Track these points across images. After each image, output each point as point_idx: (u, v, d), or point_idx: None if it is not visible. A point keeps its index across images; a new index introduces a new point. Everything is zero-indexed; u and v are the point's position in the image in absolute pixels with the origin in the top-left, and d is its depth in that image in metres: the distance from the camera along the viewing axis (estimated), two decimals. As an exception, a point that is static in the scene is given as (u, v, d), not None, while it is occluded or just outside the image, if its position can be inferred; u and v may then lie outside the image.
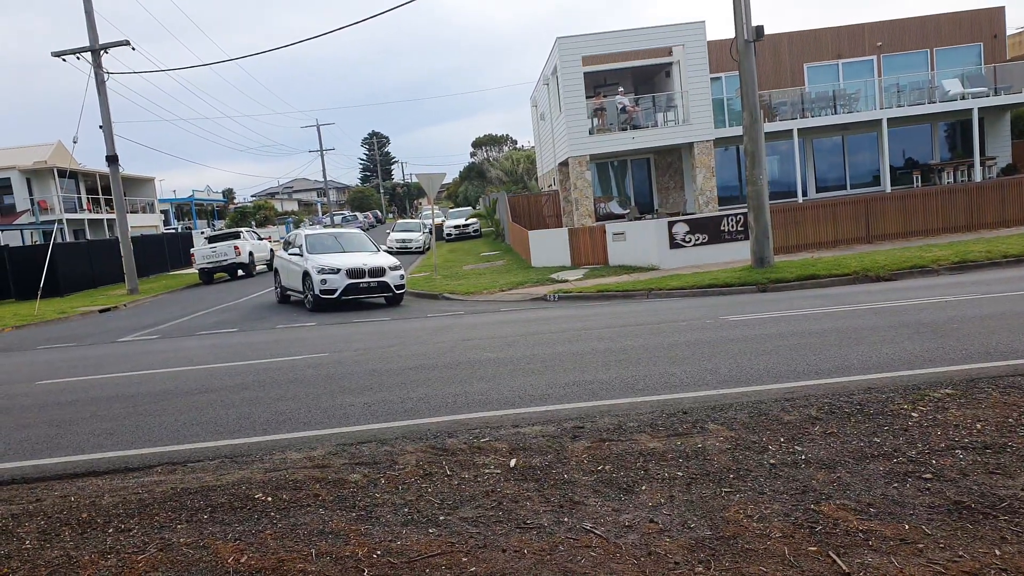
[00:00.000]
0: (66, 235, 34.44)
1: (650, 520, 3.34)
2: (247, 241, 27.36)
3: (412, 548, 3.24)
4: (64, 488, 4.45)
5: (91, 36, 22.57)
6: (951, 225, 17.97)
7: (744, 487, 3.63)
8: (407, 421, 5.31)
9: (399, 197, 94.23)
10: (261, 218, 56.68)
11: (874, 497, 3.40)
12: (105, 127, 23.24)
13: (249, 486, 4.16)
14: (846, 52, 25.92)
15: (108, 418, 6.18)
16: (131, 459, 4.94)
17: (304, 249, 15.70)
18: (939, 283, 11.15)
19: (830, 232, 17.87)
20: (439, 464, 4.29)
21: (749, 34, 13.75)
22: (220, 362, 8.96)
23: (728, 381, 5.73)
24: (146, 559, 3.33)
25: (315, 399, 6.26)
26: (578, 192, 22.26)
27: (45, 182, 35.92)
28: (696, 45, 21.71)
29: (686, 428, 4.59)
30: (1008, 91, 23.87)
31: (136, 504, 4.03)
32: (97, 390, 7.61)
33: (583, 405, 5.37)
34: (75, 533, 3.71)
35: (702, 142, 22.18)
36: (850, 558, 2.87)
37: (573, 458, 4.22)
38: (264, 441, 5.12)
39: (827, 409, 4.74)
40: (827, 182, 26.37)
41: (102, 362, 10.12)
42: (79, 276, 26.06)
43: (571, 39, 21.68)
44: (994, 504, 3.24)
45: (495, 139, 71.35)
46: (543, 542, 3.21)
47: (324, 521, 3.60)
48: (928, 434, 4.15)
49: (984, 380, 5.10)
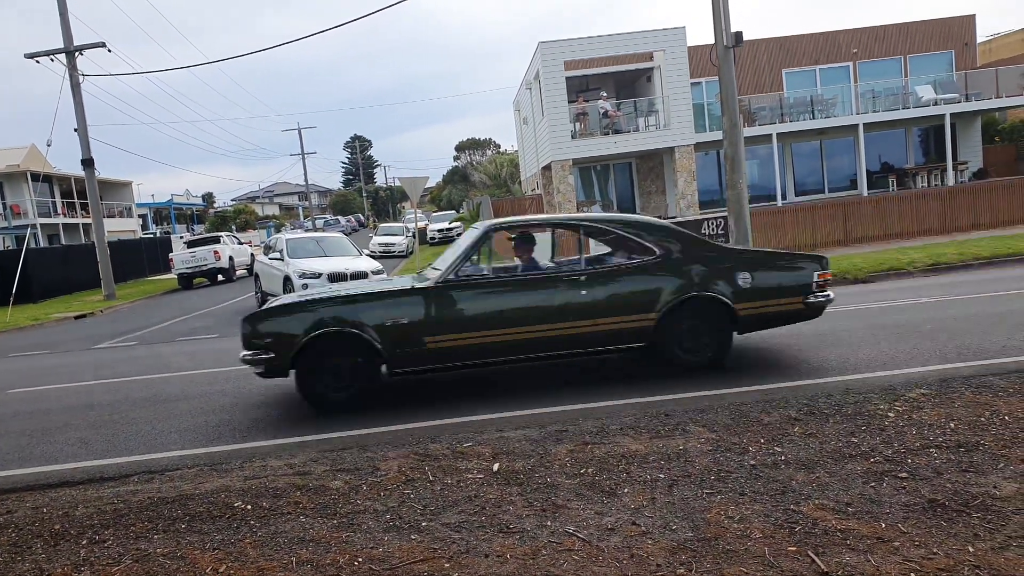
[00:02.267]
0: (40, 240, 33.82)
1: (632, 522, 3.35)
2: (227, 246, 27.07)
3: (394, 555, 3.22)
4: (36, 499, 4.36)
5: (65, 37, 22.22)
6: (925, 228, 18.30)
7: (725, 488, 3.66)
8: (389, 427, 5.28)
9: (382, 201, 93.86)
10: (242, 222, 56.17)
11: (852, 496, 3.44)
12: (80, 130, 22.88)
13: (228, 494, 4.11)
14: (823, 58, 26.33)
15: (83, 427, 6.07)
16: (107, 468, 4.86)
17: (285, 254, 15.55)
18: (914, 285, 11.34)
19: (808, 235, 18.11)
20: (421, 470, 4.27)
21: (729, 40, 13.91)
22: (199, 368, 8.85)
23: (708, 383, 5.77)
24: (121, 571, 3.27)
25: (295, 406, 6.20)
26: (561, 196, 22.34)
27: (18, 186, 35.22)
28: (677, 50, 21.92)
29: (668, 430, 4.61)
30: (979, 97, 24.40)
31: (111, 514, 3.96)
32: (72, 398, 7.47)
33: (566, 408, 5.38)
34: (47, 545, 3.64)
35: (683, 147, 22.38)
36: (828, 557, 2.90)
37: (556, 461, 4.22)
38: (243, 448, 5.06)
39: (806, 410, 4.80)
40: (806, 186, 26.75)
41: (77, 369, 9.94)
42: (54, 282, 25.58)
43: (554, 44, 21.79)
44: (967, 502, 3.29)
45: (478, 143, 71.36)
46: (526, 546, 3.21)
47: (305, 529, 3.57)
48: (904, 434, 4.21)
49: (957, 380, 5.20)
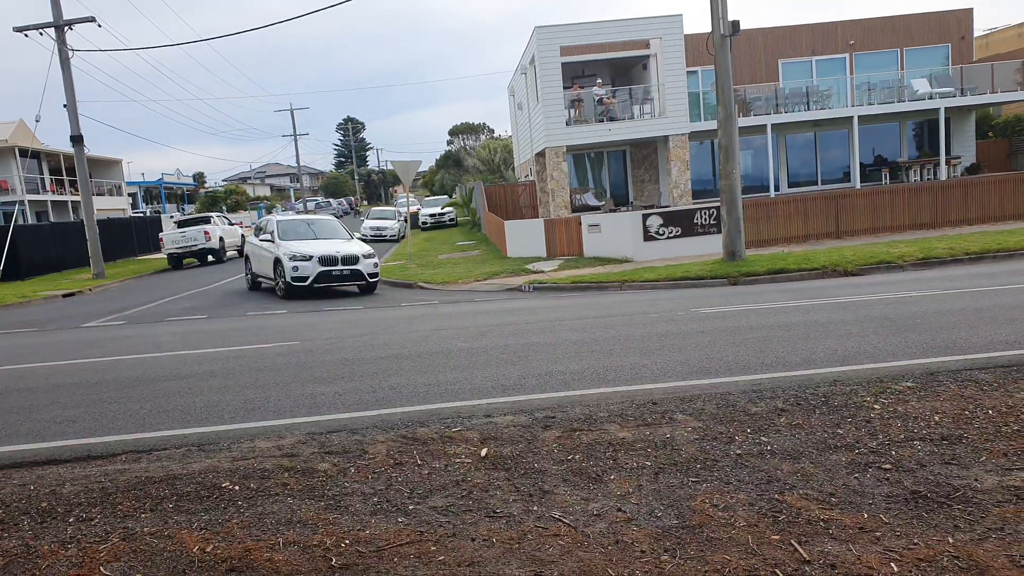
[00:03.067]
0: (28, 217, 33.44)
1: (618, 509, 3.38)
2: (218, 226, 26.88)
3: (381, 537, 3.23)
4: (23, 476, 4.34)
5: (55, 11, 21.86)
6: (917, 222, 18.41)
7: (711, 477, 3.69)
8: (378, 411, 5.29)
9: (374, 184, 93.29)
10: (232, 203, 55.67)
11: (836, 487, 3.48)
12: (69, 106, 22.57)
13: (216, 475, 4.11)
14: (820, 49, 26.28)
15: (71, 405, 6.04)
16: (94, 447, 4.84)
17: (276, 235, 15.47)
18: (904, 278, 11.42)
19: (801, 227, 18.18)
20: (409, 453, 4.29)
21: (725, 29, 13.85)
22: (188, 349, 8.81)
23: (697, 372, 5.81)
24: (108, 549, 3.27)
25: (285, 387, 6.19)
26: (554, 183, 22.28)
27: (6, 162, 34.74)
28: (673, 38, 21.80)
29: (655, 418, 4.64)
30: (974, 92, 24.44)
31: (99, 493, 3.95)
32: (60, 377, 7.43)
33: (555, 395, 5.40)
34: (34, 523, 3.63)
35: (677, 135, 22.34)
36: (811, 546, 2.94)
37: (544, 448, 4.24)
38: (232, 429, 5.05)
39: (793, 401, 4.84)
40: (799, 177, 26.79)
41: (65, 348, 9.88)
42: (42, 259, 25.35)
43: (550, 28, 21.62)
44: (949, 494, 3.34)
45: (472, 127, 70.91)
46: (512, 531, 3.23)
47: (292, 510, 3.58)
48: (889, 426, 4.26)
49: (943, 373, 5.25)
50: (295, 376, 6.64)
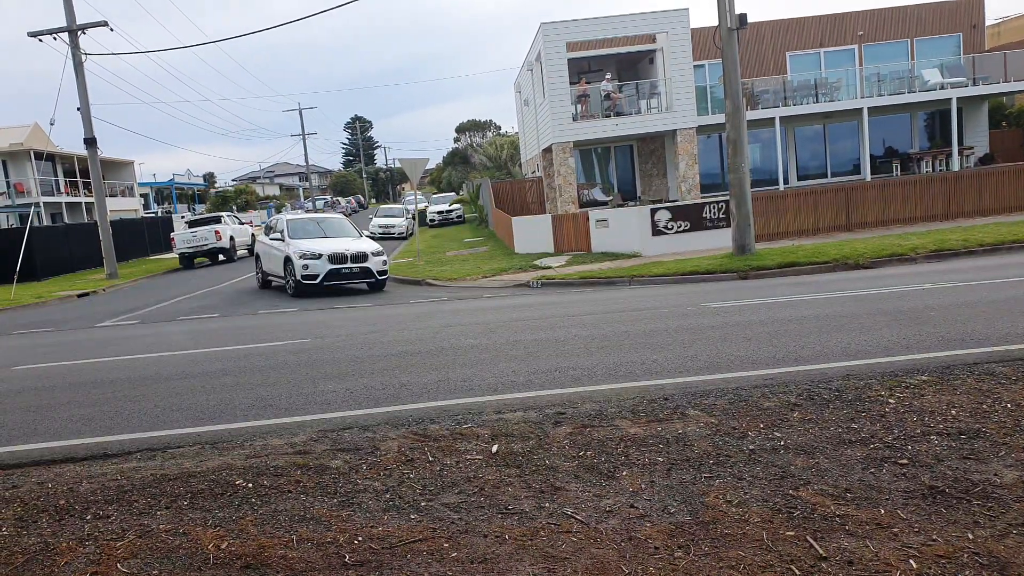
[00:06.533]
0: (43, 218, 33.76)
1: (631, 505, 3.37)
2: (228, 226, 27.05)
3: (393, 534, 3.24)
4: (41, 475, 4.39)
5: (68, 16, 22.03)
6: (929, 214, 18.21)
7: (724, 473, 3.67)
8: (389, 407, 5.30)
9: (382, 182, 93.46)
10: (242, 202, 55.99)
11: (851, 482, 3.45)
12: (83, 109, 22.74)
13: (230, 472, 4.14)
14: (828, 41, 26.04)
15: (86, 404, 6.09)
16: (110, 445, 4.88)
17: (286, 234, 15.54)
18: (917, 271, 11.31)
19: (811, 220, 18.04)
20: (421, 450, 4.29)
21: (732, 22, 13.75)
22: (200, 348, 8.87)
23: (709, 367, 5.78)
24: (125, 546, 3.30)
25: (296, 385, 6.22)
26: (562, 179, 22.23)
27: (21, 164, 35.09)
28: (680, 32, 21.68)
29: (667, 414, 4.62)
30: (986, 81, 24.14)
31: (115, 491, 3.99)
32: (75, 376, 7.50)
33: (565, 391, 5.39)
34: (52, 520, 3.66)
35: (685, 129, 22.22)
36: (827, 542, 2.92)
37: (555, 444, 4.24)
38: (245, 427, 5.08)
39: (806, 395, 4.80)
40: (808, 170, 26.58)
41: (80, 347, 9.97)
42: (57, 260, 25.60)
43: (556, 24, 21.55)
44: (967, 489, 3.30)
45: (479, 124, 70.81)
46: (524, 527, 3.22)
47: (305, 507, 3.59)
48: (904, 420, 4.22)
49: (960, 367, 5.19)
50: (306, 373, 6.67)
